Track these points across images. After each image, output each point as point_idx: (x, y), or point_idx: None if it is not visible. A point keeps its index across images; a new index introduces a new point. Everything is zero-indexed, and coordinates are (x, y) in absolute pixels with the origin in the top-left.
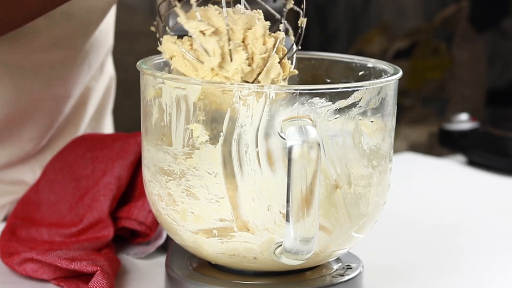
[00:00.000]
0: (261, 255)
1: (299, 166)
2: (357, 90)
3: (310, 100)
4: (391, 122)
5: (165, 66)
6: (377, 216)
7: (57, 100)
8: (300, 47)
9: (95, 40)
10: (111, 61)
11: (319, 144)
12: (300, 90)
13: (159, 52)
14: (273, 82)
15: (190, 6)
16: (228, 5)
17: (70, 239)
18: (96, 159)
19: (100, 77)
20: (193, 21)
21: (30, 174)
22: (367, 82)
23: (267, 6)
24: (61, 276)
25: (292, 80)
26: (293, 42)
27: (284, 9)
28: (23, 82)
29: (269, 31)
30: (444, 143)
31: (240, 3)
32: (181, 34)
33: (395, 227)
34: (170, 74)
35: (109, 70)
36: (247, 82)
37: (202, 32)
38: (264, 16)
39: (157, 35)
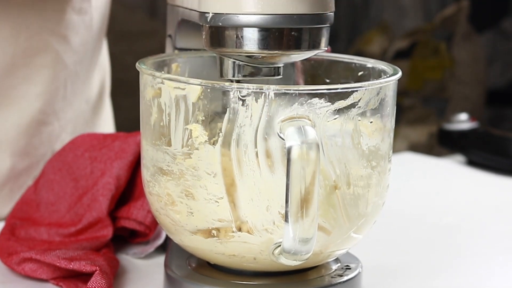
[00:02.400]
0: (260, 255)
1: (298, 166)
2: (356, 90)
3: (309, 101)
4: (391, 122)
5: (164, 66)
6: (376, 216)
7: (55, 46)
8: None
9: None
10: (107, 54)
11: (318, 145)
12: (299, 90)
13: (159, 52)
14: None
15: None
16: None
17: (69, 238)
18: (95, 159)
19: (98, 48)
20: None
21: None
22: (366, 83)
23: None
24: (60, 275)
25: (291, 80)
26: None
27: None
28: (17, 15)
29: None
30: (444, 143)
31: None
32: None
33: (394, 228)
34: (169, 74)
35: (105, 61)
36: None
37: None
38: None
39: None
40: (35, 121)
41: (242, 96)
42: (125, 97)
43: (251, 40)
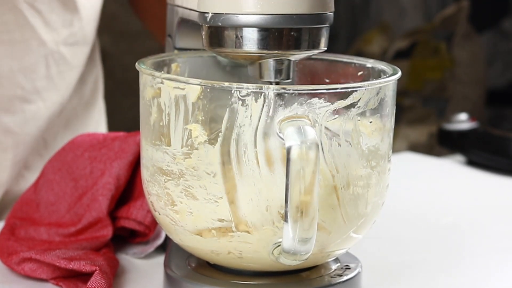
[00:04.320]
0: (260, 255)
1: (298, 166)
2: (356, 90)
3: (309, 101)
4: (390, 122)
5: (164, 66)
6: (375, 216)
7: (30, 20)
8: None
9: None
10: (100, 56)
11: (317, 145)
12: (299, 90)
13: (159, 52)
14: None
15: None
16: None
17: (69, 238)
18: (94, 159)
19: (89, 37)
20: None
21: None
22: (366, 83)
23: None
24: (59, 275)
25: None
26: None
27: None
28: None
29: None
30: (444, 143)
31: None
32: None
33: (394, 227)
34: (169, 74)
35: (98, 62)
36: None
37: None
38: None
39: None
40: (16, 98)
41: (242, 96)
42: (125, 97)
43: (250, 40)
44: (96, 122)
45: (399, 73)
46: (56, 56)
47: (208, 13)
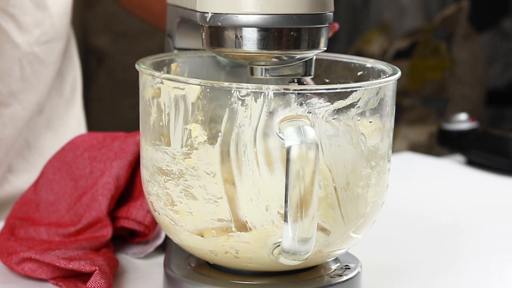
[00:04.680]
0: (260, 255)
1: (298, 166)
2: (356, 90)
3: (308, 101)
4: (390, 122)
5: (164, 66)
6: (375, 216)
7: (3, 25)
8: None
9: None
10: (77, 52)
11: (317, 145)
12: (299, 90)
13: (159, 52)
14: None
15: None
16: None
17: (69, 238)
18: (94, 159)
19: (63, 36)
20: None
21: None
22: (365, 83)
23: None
24: (59, 275)
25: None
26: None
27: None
28: None
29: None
30: (443, 143)
31: None
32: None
33: (393, 227)
34: (168, 74)
35: (76, 57)
36: None
37: None
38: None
39: None
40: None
41: (242, 96)
42: (125, 97)
43: (250, 40)
44: (77, 121)
45: (399, 73)
46: (30, 57)
47: (208, 13)
